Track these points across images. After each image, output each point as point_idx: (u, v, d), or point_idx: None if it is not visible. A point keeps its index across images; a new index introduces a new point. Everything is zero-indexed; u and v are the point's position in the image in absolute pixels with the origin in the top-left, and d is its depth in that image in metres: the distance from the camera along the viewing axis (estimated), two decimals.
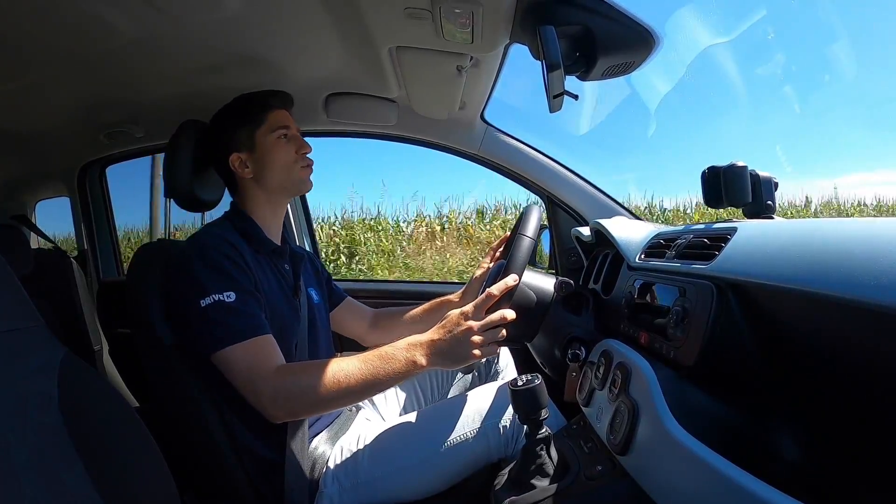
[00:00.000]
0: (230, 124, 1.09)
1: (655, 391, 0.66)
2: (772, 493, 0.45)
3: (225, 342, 0.89)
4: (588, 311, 1.06)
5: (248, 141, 1.08)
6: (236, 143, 1.08)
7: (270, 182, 1.08)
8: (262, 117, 1.08)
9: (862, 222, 0.58)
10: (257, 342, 0.90)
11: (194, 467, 0.97)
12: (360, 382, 0.87)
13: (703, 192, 0.94)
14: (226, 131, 1.09)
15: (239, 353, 0.89)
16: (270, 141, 1.07)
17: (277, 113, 1.10)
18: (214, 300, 0.90)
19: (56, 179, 1.99)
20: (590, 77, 0.94)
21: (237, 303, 0.91)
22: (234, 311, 0.90)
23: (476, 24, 0.93)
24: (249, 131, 1.08)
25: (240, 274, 0.94)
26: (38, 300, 0.70)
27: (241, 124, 1.08)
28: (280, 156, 1.08)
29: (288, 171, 1.08)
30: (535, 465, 0.80)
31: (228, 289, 0.91)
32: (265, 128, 1.08)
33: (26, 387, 0.62)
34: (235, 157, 1.08)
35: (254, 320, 0.92)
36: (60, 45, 1.07)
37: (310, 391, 0.87)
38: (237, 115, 1.10)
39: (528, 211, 1.01)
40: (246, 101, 1.11)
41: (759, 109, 8.83)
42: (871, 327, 0.47)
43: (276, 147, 1.08)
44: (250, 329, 0.91)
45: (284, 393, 0.88)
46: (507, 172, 1.60)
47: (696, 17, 5.04)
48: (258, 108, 1.09)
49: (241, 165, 1.08)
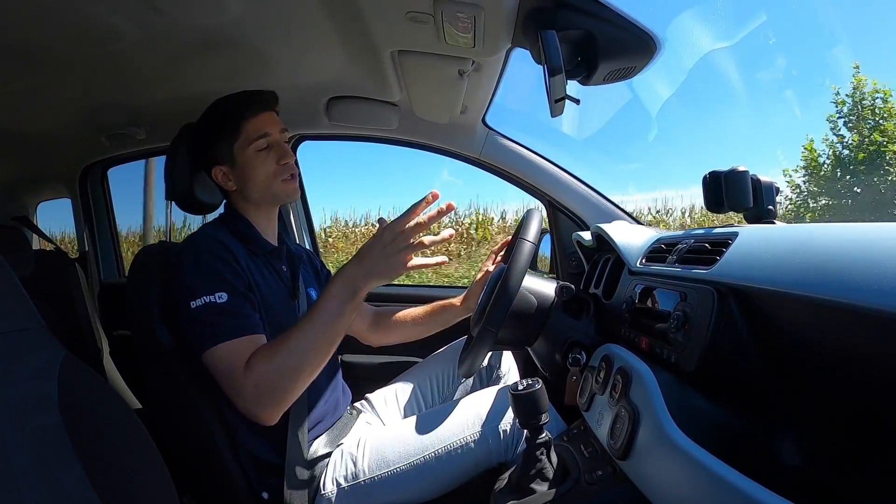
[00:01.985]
0: (209, 137, 1.05)
1: (656, 396, 0.66)
2: (773, 499, 0.45)
3: (209, 343, 0.88)
4: (589, 315, 1.06)
5: (227, 155, 1.04)
6: (216, 157, 1.05)
7: (253, 195, 1.06)
8: (239, 128, 1.03)
9: (863, 227, 0.57)
10: (244, 342, 0.88)
11: (194, 469, 0.97)
12: (319, 334, 0.84)
13: (705, 197, 0.94)
14: (206, 144, 1.06)
15: (222, 353, 0.87)
16: (249, 155, 1.03)
17: (253, 121, 1.03)
18: (205, 302, 0.89)
19: (57, 181, 2.00)
20: (591, 82, 0.94)
21: (228, 304, 0.90)
22: (224, 312, 0.89)
23: (478, 28, 0.93)
24: (227, 145, 1.03)
25: (232, 275, 0.93)
26: (38, 301, 0.70)
27: (218, 138, 1.04)
28: (259, 170, 1.03)
29: (268, 185, 1.04)
30: (536, 469, 0.80)
31: (220, 290, 0.90)
32: (241, 141, 1.03)
33: (26, 388, 0.62)
34: (218, 171, 1.05)
35: (244, 321, 0.90)
36: (62, 48, 1.07)
37: (281, 371, 0.84)
38: (214, 126, 1.05)
39: (529, 215, 1.01)
40: (220, 111, 1.05)
41: (759, 113, 8.84)
42: (873, 332, 0.47)
43: (255, 161, 1.03)
44: (239, 329, 0.89)
45: (262, 383, 0.84)
46: (509, 176, 1.61)
47: (697, 22, 5.08)
48: (232, 121, 1.03)
49: (224, 178, 1.05)
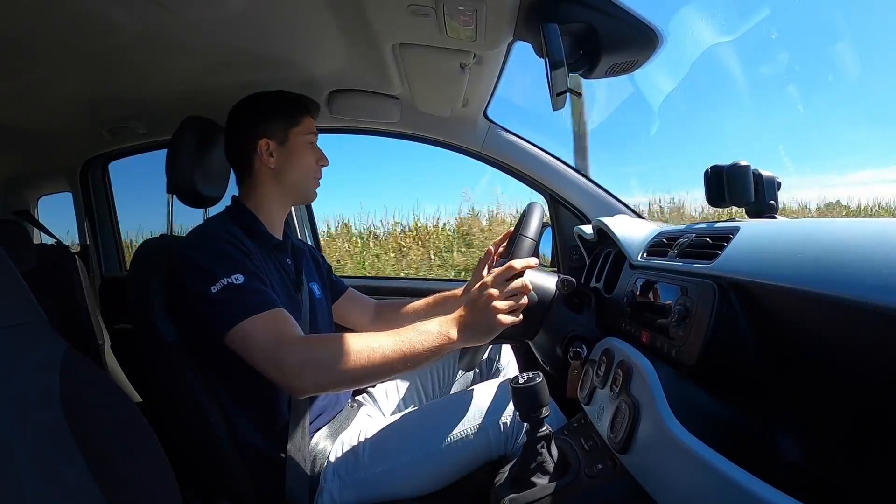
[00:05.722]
0: (268, 112, 1.10)
1: (657, 390, 0.66)
2: (772, 494, 0.45)
3: (243, 315, 0.87)
4: (590, 309, 1.05)
5: (282, 134, 1.09)
6: (269, 131, 1.08)
7: (288, 180, 1.10)
8: (300, 118, 1.11)
9: (866, 222, 0.57)
10: (275, 314, 0.90)
11: (195, 463, 0.97)
12: (395, 353, 0.85)
13: (706, 191, 0.94)
14: (261, 116, 1.09)
15: (259, 324, 0.88)
16: (301, 142, 1.10)
17: (309, 119, 1.13)
18: (224, 283, 0.89)
19: (59, 175, 2.00)
20: (593, 75, 0.94)
21: (246, 283, 0.91)
22: (246, 290, 0.90)
23: (479, 21, 0.93)
24: (285, 126, 1.09)
25: (244, 258, 0.94)
26: (40, 295, 0.70)
27: (279, 116, 1.10)
28: (304, 160, 1.10)
29: (305, 177, 1.11)
30: (536, 462, 0.80)
31: (236, 271, 0.91)
32: (300, 128, 1.10)
33: (28, 382, 0.63)
34: (265, 143, 1.07)
35: (267, 296, 0.92)
36: (64, 42, 1.07)
37: (340, 361, 0.84)
38: (276, 106, 1.11)
39: (530, 209, 1.01)
40: (287, 97, 1.13)
41: (762, 108, 8.78)
42: (874, 327, 0.47)
43: (304, 150, 1.11)
44: (266, 303, 0.90)
45: (312, 363, 0.85)
46: (510, 170, 1.61)
47: (699, 16, 5.02)
48: (298, 108, 1.12)
49: (267, 152, 1.08)
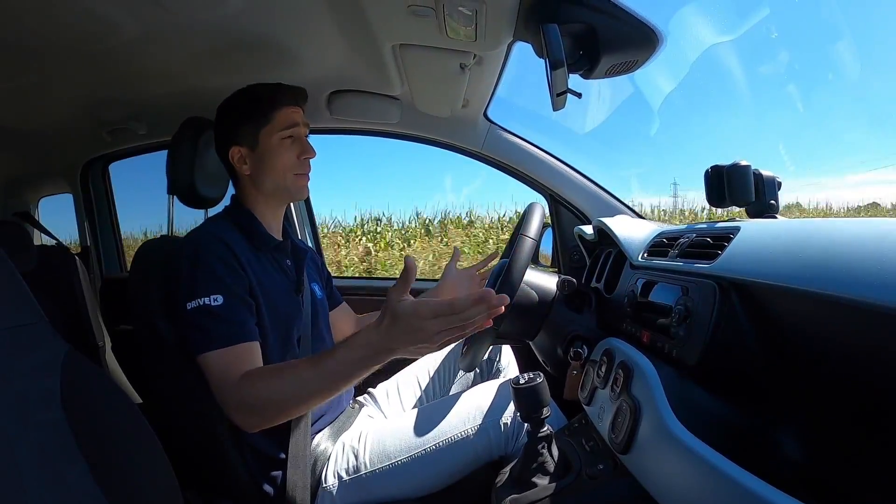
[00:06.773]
0: (235, 116, 1.05)
1: (657, 390, 0.66)
2: (773, 493, 0.45)
3: (202, 348, 0.88)
4: (590, 309, 1.05)
5: (251, 138, 1.03)
6: (238, 137, 1.04)
7: (265, 184, 1.05)
8: (270, 115, 1.03)
9: (866, 222, 0.57)
10: (235, 350, 0.89)
11: (196, 463, 0.97)
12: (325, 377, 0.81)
13: (707, 191, 0.94)
14: (231, 122, 1.05)
15: (213, 359, 0.88)
16: (274, 142, 1.03)
17: (286, 111, 1.04)
18: (199, 304, 0.89)
19: (59, 176, 2.00)
20: (593, 75, 0.94)
21: (223, 307, 0.89)
22: (217, 317, 0.89)
23: (479, 21, 0.93)
24: (254, 128, 1.03)
25: (231, 276, 0.93)
26: (40, 296, 0.70)
27: (247, 119, 1.03)
28: (280, 159, 1.03)
29: (282, 178, 1.04)
30: (537, 463, 0.80)
31: (217, 292, 0.90)
32: (270, 127, 1.03)
33: (28, 383, 0.63)
34: (235, 151, 1.04)
35: (237, 327, 0.90)
36: (64, 43, 1.07)
37: (271, 401, 0.85)
38: (244, 108, 1.05)
39: (530, 209, 1.01)
40: (255, 94, 1.05)
41: (762, 108, 8.79)
42: (874, 327, 0.47)
43: (279, 149, 1.03)
44: (231, 336, 0.89)
45: (248, 402, 0.86)
46: (510, 170, 1.61)
47: (699, 16, 5.03)
48: (267, 105, 1.03)
49: (240, 161, 1.04)
